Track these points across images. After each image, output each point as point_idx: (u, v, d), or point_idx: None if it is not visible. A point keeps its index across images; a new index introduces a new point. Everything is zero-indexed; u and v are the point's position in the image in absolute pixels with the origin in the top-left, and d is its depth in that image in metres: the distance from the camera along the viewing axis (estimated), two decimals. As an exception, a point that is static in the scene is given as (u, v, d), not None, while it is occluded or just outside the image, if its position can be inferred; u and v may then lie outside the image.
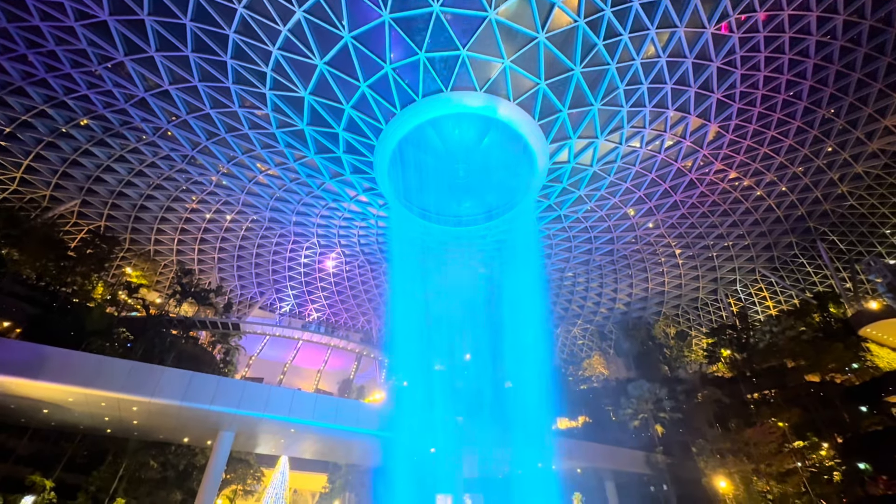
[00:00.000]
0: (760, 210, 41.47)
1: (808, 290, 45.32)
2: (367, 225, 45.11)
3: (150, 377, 19.97)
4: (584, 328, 60.92)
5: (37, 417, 23.05)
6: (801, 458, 27.99)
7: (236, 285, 53.82)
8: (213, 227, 46.02)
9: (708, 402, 34.89)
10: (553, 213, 42.43)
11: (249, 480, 34.87)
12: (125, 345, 31.21)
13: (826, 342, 34.54)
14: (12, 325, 27.64)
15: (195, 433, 25.21)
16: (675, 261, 49.37)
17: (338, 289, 57.51)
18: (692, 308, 54.65)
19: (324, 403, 25.21)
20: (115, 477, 25.86)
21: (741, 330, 40.61)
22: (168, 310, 40.23)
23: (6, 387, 18.42)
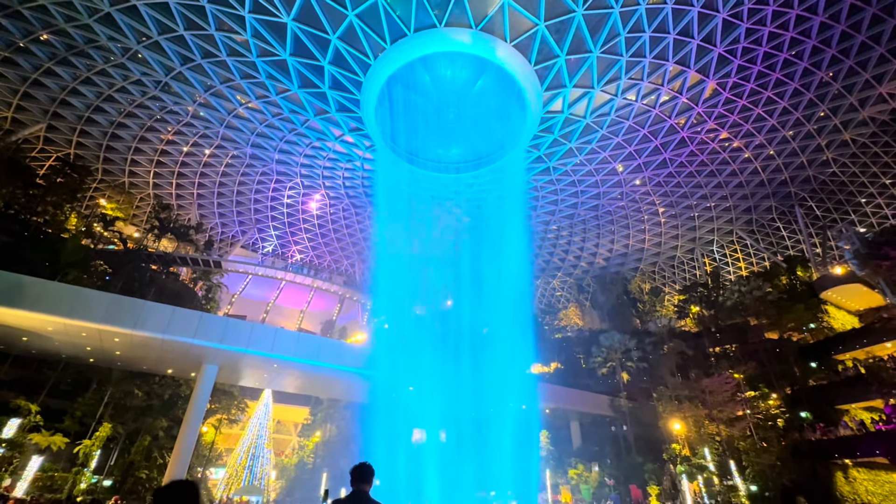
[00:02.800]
0: (746, 173, 41.81)
1: (780, 253, 46.94)
2: (353, 167, 44.00)
3: (131, 310, 19.99)
4: (563, 280, 62.56)
5: (17, 345, 23.11)
6: (750, 407, 30.39)
7: (217, 223, 52.76)
8: (191, 161, 44.21)
9: (672, 353, 37.03)
10: (542, 164, 41.98)
11: (234, 411, 36.30)
12: (103, 278, 30.85)
13: (789, 303, 36.44)
14: (-18, 252, 26.81)
15: (179, 366, 25.78)
16: (657, 219, 50.13)
17: (321, 231, 57.01)
18: (668, 266, 56.35)
19: (306, 341, 25.86)
20: (101, 403, 26.56)
21: (712, 288, 42.33)
22: (146, 245, 39.44)
23: (-19, 314, 18.24)
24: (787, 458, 27.39)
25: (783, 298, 36.89)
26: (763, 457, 27.82)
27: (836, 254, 43.28)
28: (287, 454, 47.02)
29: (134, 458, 26.61)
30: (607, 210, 49.54)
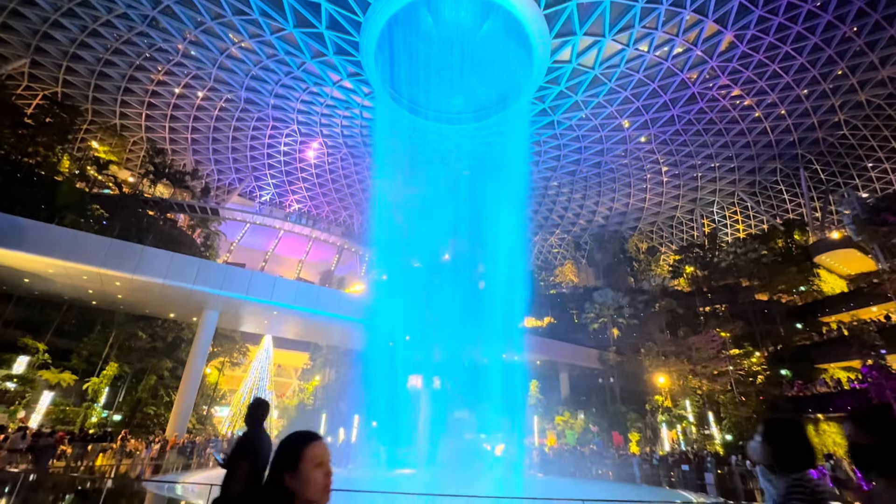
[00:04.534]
0: (754, 133, 40.82)
1: (780, 216, 46.87)
2: (352, 115, 42.67)
3: (130, 255, 20.09)
4: (561, 238, 62.76)
5: (19, 286, 23.40)
6: (733, 364, 31.58)
7: (213, 169, 51.86)
8: (184, 104, 42.72)
9: (663, 311, 37.90)
10: (546, 117, 40.79)
11: (236, 355, 37.52)
12: (100, 222, 30.71)
13: (782, 266, 36.88)
14: (-24, 193, 26.48)
15: (180, 310, 26.30)
16: (659, 178, 49.51)
17: (319, 180, 56.25)
18: (667, 226, 56.37)
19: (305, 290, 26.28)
20: (106, 344, 27.36)
21: (708, 249, 42.61)
22: (142, 190, 38.95)
23: (-19, 254, 18.32)
24: (763, 411, 28.85)
25: (777, 261, 37.28)
26: (741, 410, 29.30)
27: (834, 219, 43.25)
28: (288, 396, 49.18)
29: (141, 395, 27.80)
30: (610, 167, 48.78)
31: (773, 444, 2.53)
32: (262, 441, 4.19)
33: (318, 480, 1.60)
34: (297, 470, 1.58)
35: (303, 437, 1.67)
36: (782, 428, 2.57)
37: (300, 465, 1.59)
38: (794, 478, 2.47)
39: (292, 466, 1.59)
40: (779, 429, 2.59)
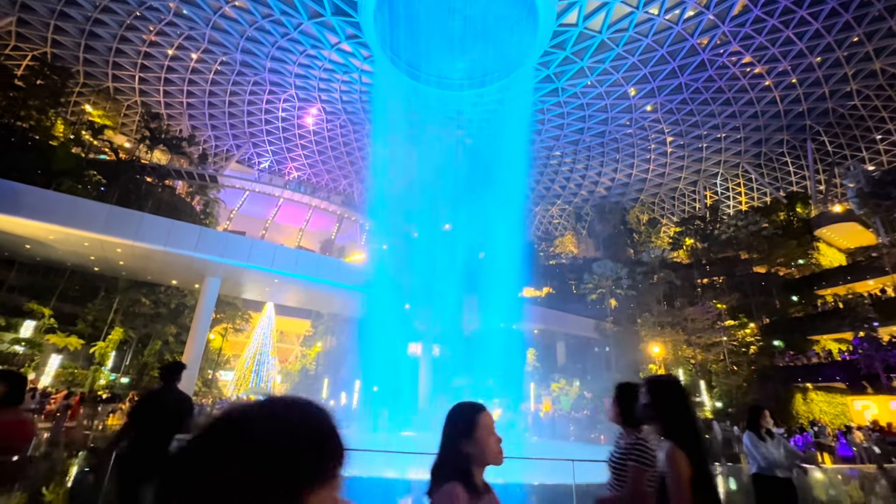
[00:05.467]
0: (763, 102, 39.85)
1: (784, 189, 46.46)
2: (350, 80, 41.54)
3: (130, 221, 20.07)
4: (562, 208, 62.45)
5: (21, 252, 23.51)
6: (727, 334, 32.16)
7: (210, 135, 50.96)
8: (178, 67, 41.48)
9: (661, 283, 38.23)
10: (550, 84, 39.73)
11: (238, 321, 38.15)
12: (98, 188, 30.50)
13: (782, 239, 36.88)
14: (-29, 157, 26.16)
15: (182, 277, 26.54)
16: (664, 148, 48.75)
17: (318, 148, 55.40)
18: (669, 197, 55.97)
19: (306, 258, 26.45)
20: (111, 310, 27.78)
21: (709, 222, 42.49)
22: (139, 156, 38.42)
23: (-20, 220, 18.31)
24: (753, 380, 29.63)
25: (777, 234, 37.24)
26: (732, 378, 30.08)
27: (838, 192, 42.89)
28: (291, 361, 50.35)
29: (147, 359, 28.48)
30: (614, 137, 47.94)
31: (620, 402, 2.71)
32: (167, 396, 4.46)
33: (493, 446, 1.75)
34: (472, 437, 1.73)
35: (474, 407, 1.84)
36: (630, 389, 2.73)
37: (475, 432, 1.74)
38: (638, 437, 2.57)
39: (467, 434, 1.73)
40: (626, 389, 2.75)
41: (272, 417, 0.67)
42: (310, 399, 0.74)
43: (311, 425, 0.69)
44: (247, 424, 0.65)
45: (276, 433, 0.64)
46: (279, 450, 0.62)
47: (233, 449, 0.61)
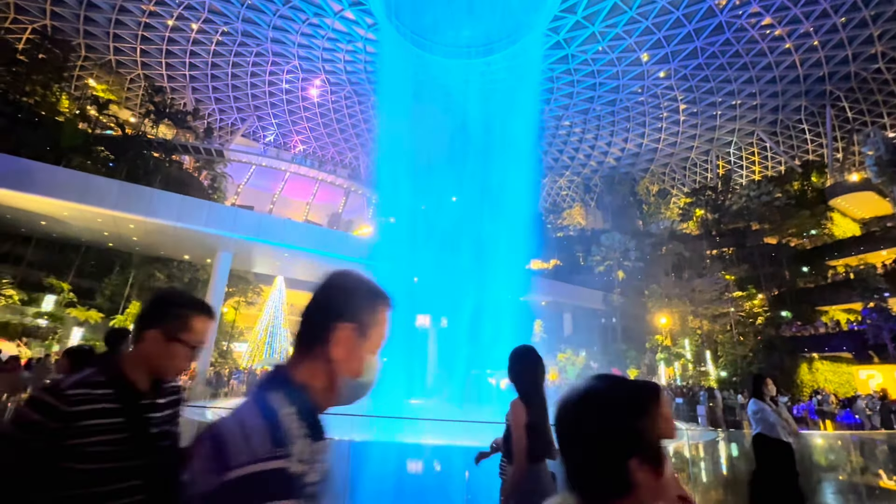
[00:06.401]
0: (782, 66, 38.34)
1: (800, 157, 45.29)
2: (355, 49, 40.56)
3: (141, 197, 20.31)
4: (570, 179, 61.65)
5: (37, 229, 23.98)
6: (735, 305, 32.21)
7: (214, 108, 50.49)
8: (179, 38, 40.72)
9: (670, 254, 38.07)
10: (560, 51, 38.50)
11: (250, 294, 38.92)
12: (107, 164, 30.66)
13: (795, 209, 36.28)
14: (-19, 135, 26.34)
15: (194, 252, 26.98)
16: (676, 117, 47.46)
17: (323, 120, 54.74)
18: (680, 168, 54.91)
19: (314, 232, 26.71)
20: (126, 284, 28.44)
21: (721, 192, 41.80)
22: (145, 131, 38.31)
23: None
24: (759, 350, 29.87)
25: (790, 204, 36.60)
26: (738, 349, 30.34)
27: (856, 160, 41.72)
28: (302, 333, 51.41)
29: (164, 332, 29.32)
30: (625, 105, 46.70)
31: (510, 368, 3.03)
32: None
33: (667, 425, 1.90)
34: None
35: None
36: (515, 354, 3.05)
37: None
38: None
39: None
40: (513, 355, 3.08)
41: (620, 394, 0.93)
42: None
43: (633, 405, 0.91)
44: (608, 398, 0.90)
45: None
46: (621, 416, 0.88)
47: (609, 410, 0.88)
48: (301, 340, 0.93)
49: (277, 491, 0.68)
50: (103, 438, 1.26)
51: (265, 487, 0.67)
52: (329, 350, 0.89)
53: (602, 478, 0.84)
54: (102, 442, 1.25)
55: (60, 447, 1.19)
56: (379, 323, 0.98)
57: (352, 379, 0.92)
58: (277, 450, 0.71)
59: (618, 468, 0.83)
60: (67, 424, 1.21)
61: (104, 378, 1.34)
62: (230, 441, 0.71)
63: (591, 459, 0.86)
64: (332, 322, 0.90)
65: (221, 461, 0.69)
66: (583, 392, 0.91)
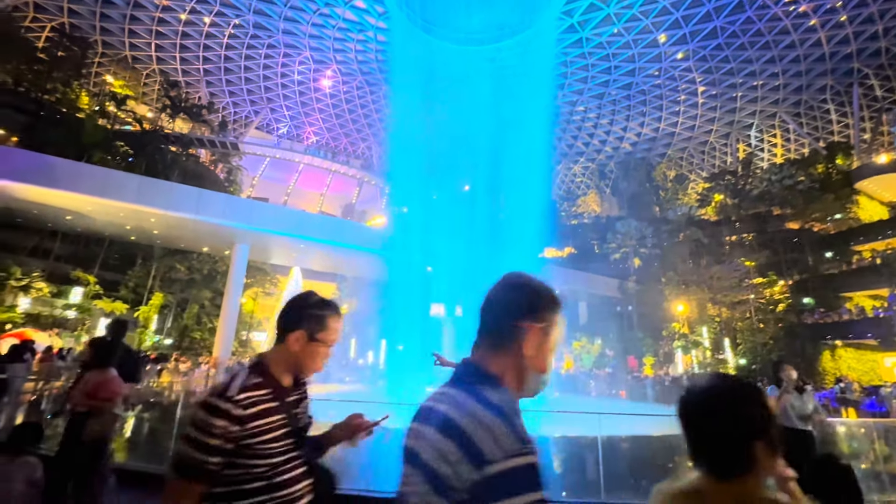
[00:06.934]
0: (807, 45, 36.88)
1: (824, 139, 43.72)
2: (366, 38, 40.35)
3: (161, 191, 20.77)
4: (585, 166, 60.76)
5: (63, 223, 24.74)
6: (755, 292, 31.58)
7: (228, 102, 50.97)
8: (192, 32, 41.06)
9: (687, 241, 37.38)
10: (574, 34, 37.69)
11: (267, 285, 39.63)
12: (126, 159, 31.33)
13: (819, 193, 35.17)
14: (7, 133, 27.17)
15: (213, 244, 27.53)
16: (694, 99, 46.19)
17: (335, 111, 54.82)
18: (699, 152, 53.61)
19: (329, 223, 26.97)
20: (149, 276, 29.26)
21: (741, 176, 40.73)
22: (162, 126, 38.95)
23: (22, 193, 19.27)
24: (780, 337, 29.33)
25: (814, 188, 35.48)
26: (757, 336, 29.83)
27: (885, 140, 40.13)
28: (319, 323, 52.28)
29: (187, 322, 30.16)
30: (641, 89, 45.61)
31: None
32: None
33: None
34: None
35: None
36: None
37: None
38: None
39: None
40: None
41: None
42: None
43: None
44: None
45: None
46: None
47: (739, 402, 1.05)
48: (486, 336, 1.02)
49: (533, 483, 0.75)
50: (271, 436, 1.36)
51: (523, 480, 0.74)
52: (521, 347, 0.96)
53: (732, 457, 1.00)
54: (271, 439, 1.36)
55: (240, 448, 1.31)
56: (558, 324, 1.05)
57: (538, 374, 1.00)
58: (524, 447, 0.78)
59: (747, 449, 0.99)
60: (244, 427, 1.31)
61: (261, 379, 1.42)
62: (479, 439, 0.76)
63: (724, 441, 1.02)
64: (522, 321, 0.98)
65: (474, 458, 0.74)
66: (712, 387, 1.09)
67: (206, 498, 1.29)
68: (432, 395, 1.00)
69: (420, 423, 0.94)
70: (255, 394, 1.38)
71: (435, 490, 0.78)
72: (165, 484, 1.30)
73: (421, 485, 0.81)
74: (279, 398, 1.44)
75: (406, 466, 0.91)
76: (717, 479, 1.03)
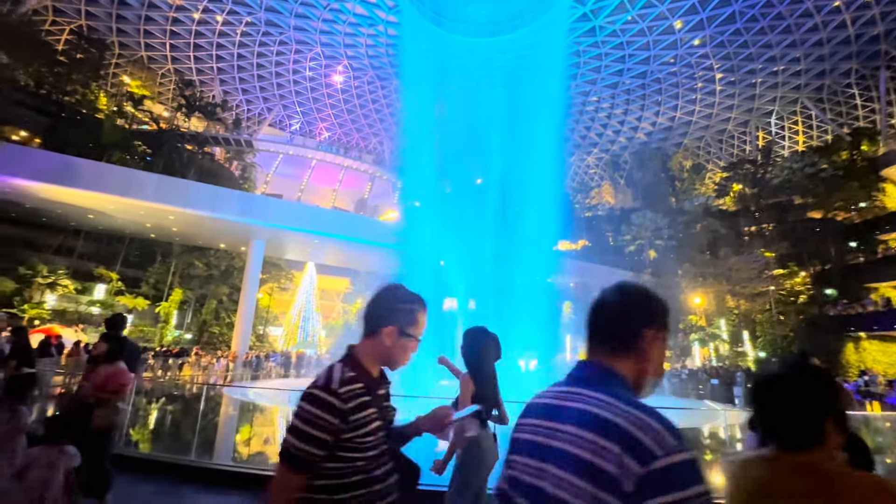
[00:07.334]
0: (830, 27, 35.58)
1: (849, 125, 42.26)
2: (376, 32, 40.29)
3: (178, 189, 21.20)
4: (598, 157, 59.92)
5: (85, 222, 25.46)
6: (775, 284, 30.89)
7: (241, 99, 51.53)
8: (206, 31, 41.52)
9: (705, 232, 36.68)
10: (587, 23, 37.04)
11: (283, 280, 40.24)
12: (144, 158, 32.00)
13: (843, 180, 34.07)
14: (30, 135, 27.93)
15: (230, 240, 28.03)
16: (712, 87, 45.05)
17: (347, 107, 55.00)
18: (716, 141, 52.38)
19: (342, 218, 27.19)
20: (169, 273, 29.95)
21: (760, 165, 39.69)
22: (178, 125, 39.62)
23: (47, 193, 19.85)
24: (801, 330, 28.69)
25: (837, 176, 34.37)
26: (777, 328, 29.23)
27: (914, 125, 38.65)
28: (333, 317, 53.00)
29: (206, 317, 30.84)
30: (656, 77, 44.66)
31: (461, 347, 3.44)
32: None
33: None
34: None
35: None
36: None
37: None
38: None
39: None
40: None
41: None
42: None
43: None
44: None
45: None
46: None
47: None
48: (605, 341, 1.08)
49: (697, 477, 0.81)
50: (368, 429, 1.39)
51: (689, 475, 0.80)
52: (643, 352, 1.05)
53: (807, 431, 1.13)
54: (368, 433, 1.39)
55: (340, 441, 1.34)
56: (669, 331, 1.14)
57: (655, 377, 1.08)
58: (682, 443, 0.84)
59: (819, 424, 1.13)
60: (345, 420, 1.34)
61: (355, 373, 1.45)
62: (641, 437, 0.83)
63: (798, 418, 1.15)
64: (643, 328, 1.06)
65: (638, 455, 0.81)
66: (790, 368, 1.22)
67: (312, 490, 1.33)
68: (553, 394, 1.07)
69: (554, 420, 0.99)
70: (353, 387, 1.40)
71: (597, 485, 0.83)
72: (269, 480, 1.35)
73: (578, 481, 0.86)
74: (371, 392, 1.46)
75: (539, 462, 0.96)
76: (789, 451, 1.15)
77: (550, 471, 0.92)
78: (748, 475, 1.20)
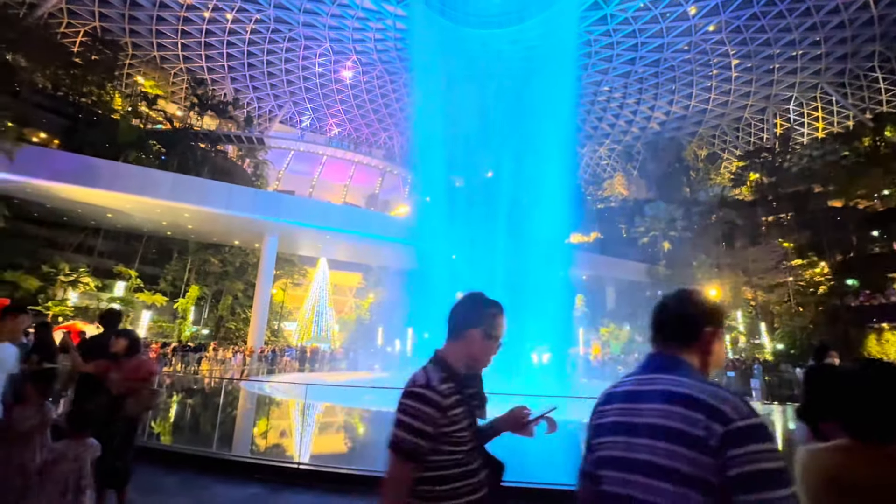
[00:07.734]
0: (852, 9, 34.39)
1: (871, 110, 40.93)
2: (385, 27, 40.16)
3: (192, 187, 21.53)
4: (611, 148, 59.10)
5: (104, 221, 26.03)
6: (793, 275, 30.22)
7: (252, 97, 51.94)
8: (216, 30, 41.86)
9: (720, 223, 36.00)
10: (598, 11, 36.40)
11: (296, 276, 40.72)
12: (159, 157, 32.51)
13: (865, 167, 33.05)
14: (49, 136, 28.57)
15: (244, 237, 28.41)
16: (728, 73, 43.98)
17: (357, 102, 55.06)
18: (732, 129, 51.22)
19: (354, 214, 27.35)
20: (185, 270, 30.51)
21: (778, 153, 38.72)
22: (191, 123, 40.14)
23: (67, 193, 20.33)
24: (820, 321, 28.08)
25: (860, 163, 33.34)
26: (796, 320, 28.65)
27: (940, 109, 37.28)
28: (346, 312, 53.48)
29: (222, 313, 31.40)
30: (670, 65, 43.75)
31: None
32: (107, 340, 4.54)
33: None
34: None
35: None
36: None
37: None
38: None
39: None
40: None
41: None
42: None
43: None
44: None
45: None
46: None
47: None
48: (675, 337, 1.31)
49: (768, 436, 1.00)
50: (463, 425, 1.50)
51: (761, 433, 1.00)
52: (707, 346, 1.28)
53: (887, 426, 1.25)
54: (463, 428, 1.50)
55: (441, 435, 1.45)
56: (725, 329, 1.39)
57: (716, 368, 1.31)
58: (753, 411, 1.04)
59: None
60: (445, 415, 1.45)
61: (446, 374, 1.56)
62: (721, 406, 1.03)
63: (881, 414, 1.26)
64: (706, 327, 1.28)
65: (721, 419, 1.01)
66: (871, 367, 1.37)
67: (417, 482, 1.43)
68: (633, 381, 1.28)
69: (638, 402, 1.18)
70: (449, 385, 1.51)
71: (689, 447, 1.02)
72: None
73: (673, 446, 1.04)
74: (461, 390, 1.57)
75: (626, 437, 1.15)
76: (867, 442, 1.25)
77: (641, 442, 1.11)
78: (822, 465, 1.29)
